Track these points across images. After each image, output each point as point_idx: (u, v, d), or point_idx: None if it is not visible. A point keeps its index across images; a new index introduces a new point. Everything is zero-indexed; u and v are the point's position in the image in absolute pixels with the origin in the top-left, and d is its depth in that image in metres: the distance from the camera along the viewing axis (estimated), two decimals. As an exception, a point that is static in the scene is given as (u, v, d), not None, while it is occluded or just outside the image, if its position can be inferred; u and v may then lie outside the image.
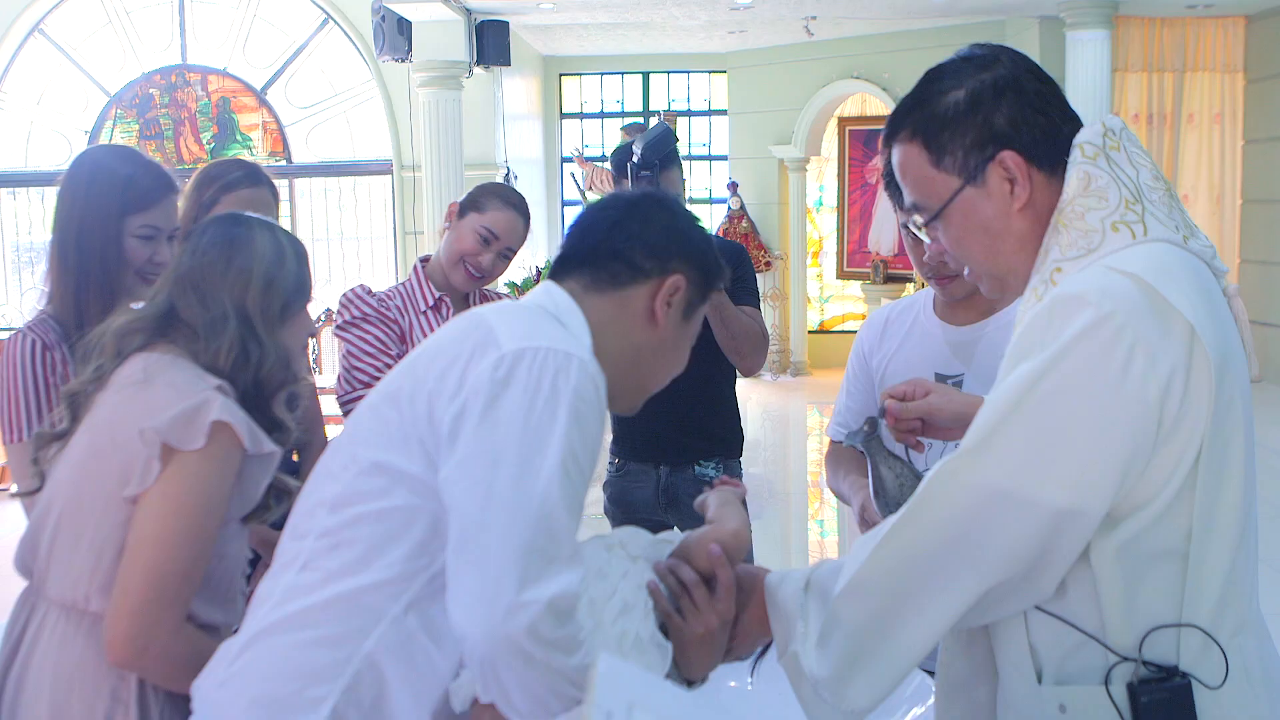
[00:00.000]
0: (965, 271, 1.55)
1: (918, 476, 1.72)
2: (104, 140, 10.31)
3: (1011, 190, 1.46)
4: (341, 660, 1.46)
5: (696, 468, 3.23)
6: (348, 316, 2.86)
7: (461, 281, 2.90)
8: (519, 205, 2.92)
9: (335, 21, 10.13)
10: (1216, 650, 1.37)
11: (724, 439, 3.29)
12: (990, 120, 1.45)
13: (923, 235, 1.55)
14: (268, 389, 1.88)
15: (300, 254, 1.95)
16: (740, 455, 3.36)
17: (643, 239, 1.62)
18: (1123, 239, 1.40)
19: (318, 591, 1.48)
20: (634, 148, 3.25)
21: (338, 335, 2.87)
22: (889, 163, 2.08)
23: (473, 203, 2.91)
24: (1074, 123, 1.48)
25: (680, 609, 1.57)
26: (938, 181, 1.49)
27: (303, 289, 1.94)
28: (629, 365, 1.63)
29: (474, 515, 1.38)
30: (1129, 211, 1.41)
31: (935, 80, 1.51)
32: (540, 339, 1.46)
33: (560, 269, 1.66)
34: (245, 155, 9.97)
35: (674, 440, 3.20)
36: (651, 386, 1.69)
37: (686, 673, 1.60)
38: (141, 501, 1.74)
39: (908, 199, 1.54)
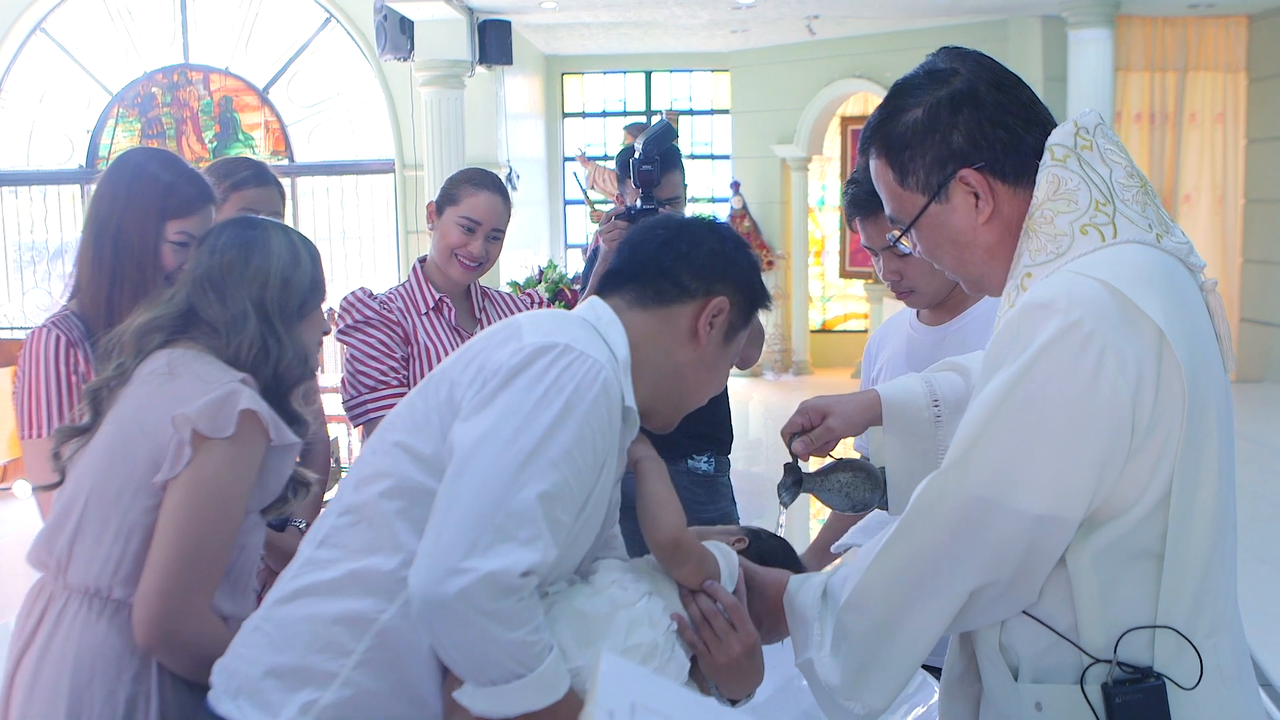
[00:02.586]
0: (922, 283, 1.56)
1: (854, 469, 1.78)
2: (105, 139, 10.34)
3: (976, 204, 1.46)
4: (355, 636, 1.50)
5: (689, 461, 3.25)
6: (350, 320, 2.85)
7: (459, 274, 2.89)
8: (492, 184, 2.91)
9: (337, 20, 10.13)
10: (1191, 651, 1.38)
11: (716, 434, 3.31)
12: (948, 139, 1.46)
13: (903, 244, 1.58)
14: (286, 383, 1.94)
15: (313, 254, 2.02)
16: (730, 450, 3.38)
17: (690, 260, 1.68)
18: (1091, 242, 1.39)
19: (334, 567, 1.54)
20: (635, 145, 3.26)
21: (340, 339, 2.86)
22: (851, 199, 2.23)
23: (447, 196, 2.91)
24: (1040, 128, 1.46)
25: (704, 639, 1.61)
26: (905, 198, 1.51)
27: (317, 287, 2.00)
28: (668, 382, 1.68)
29: (450, 482, 1.46)
30: (1099, 213, 1.40)
31: (897, 97, 1.51)
32: (560, 337, 1.52)
33: (607, 284, 1.71)
34: (247, 154, 9.97)
35: (667, 434, 3.19)
36: (688, 405, 1.74)
37: (727, 694, 1.66)
38: (171, 487, 1.79)
39: (887, 209, 1.56)
